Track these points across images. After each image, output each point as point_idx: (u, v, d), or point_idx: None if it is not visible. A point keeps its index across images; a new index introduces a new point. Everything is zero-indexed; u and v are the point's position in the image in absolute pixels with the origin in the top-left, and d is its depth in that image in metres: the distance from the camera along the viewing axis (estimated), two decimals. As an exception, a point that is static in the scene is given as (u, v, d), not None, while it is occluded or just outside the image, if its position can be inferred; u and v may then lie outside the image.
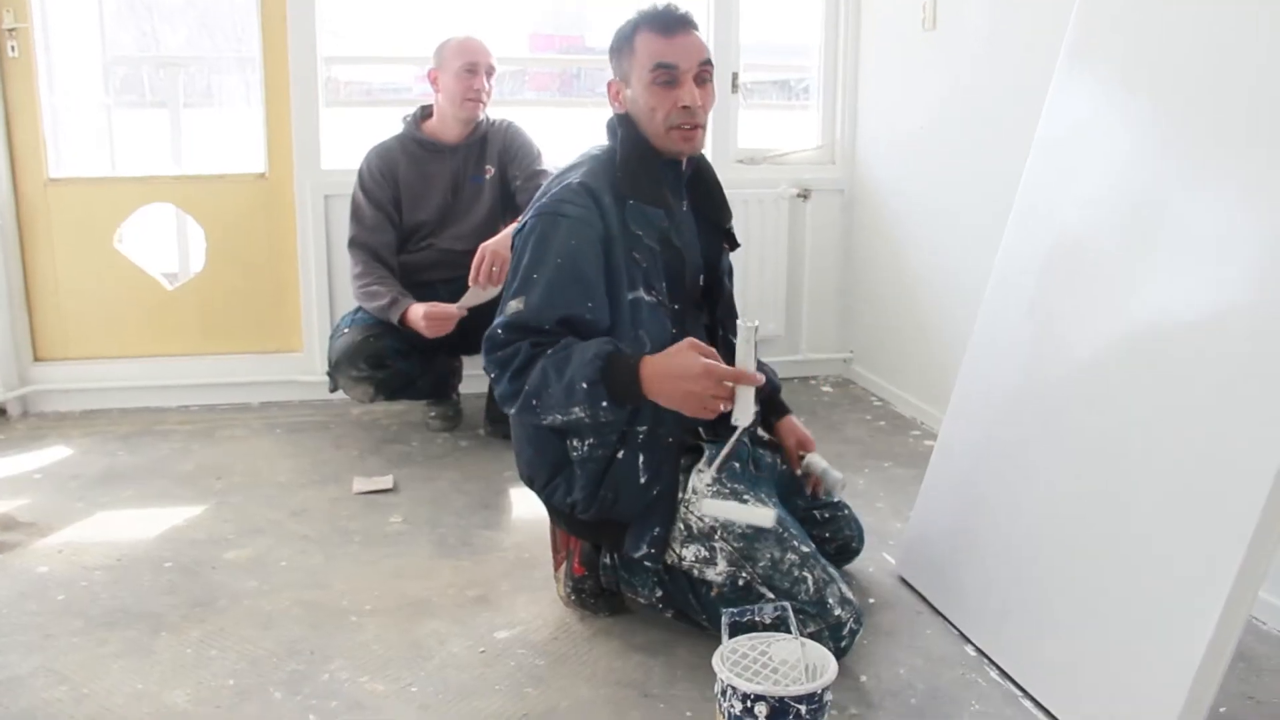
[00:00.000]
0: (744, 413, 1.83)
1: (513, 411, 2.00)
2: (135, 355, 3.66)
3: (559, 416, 1.92)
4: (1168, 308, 1.81)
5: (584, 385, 1.85)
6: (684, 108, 2.03)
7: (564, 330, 1.95)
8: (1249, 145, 1.74)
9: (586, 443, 2.04)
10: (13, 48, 3.42)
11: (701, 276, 2.22)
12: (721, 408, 1.83)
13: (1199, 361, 1.72)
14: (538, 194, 2.13)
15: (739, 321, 1.90)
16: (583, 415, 1.89)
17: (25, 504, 2.79)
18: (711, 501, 1.98)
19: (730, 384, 1.82)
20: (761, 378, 1.85)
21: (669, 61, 2.03)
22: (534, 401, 1.92)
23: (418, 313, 3.06)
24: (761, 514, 1.95)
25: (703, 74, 2.07)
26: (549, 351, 1.92)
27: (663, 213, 2.08)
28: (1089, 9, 2.17)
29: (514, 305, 1.97)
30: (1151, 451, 1.77)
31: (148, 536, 2.59)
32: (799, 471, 2.32)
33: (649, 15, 2.07)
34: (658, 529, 2.02)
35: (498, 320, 1.99)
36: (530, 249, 2.00)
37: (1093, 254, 2.01)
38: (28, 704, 1.88)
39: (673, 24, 2.06)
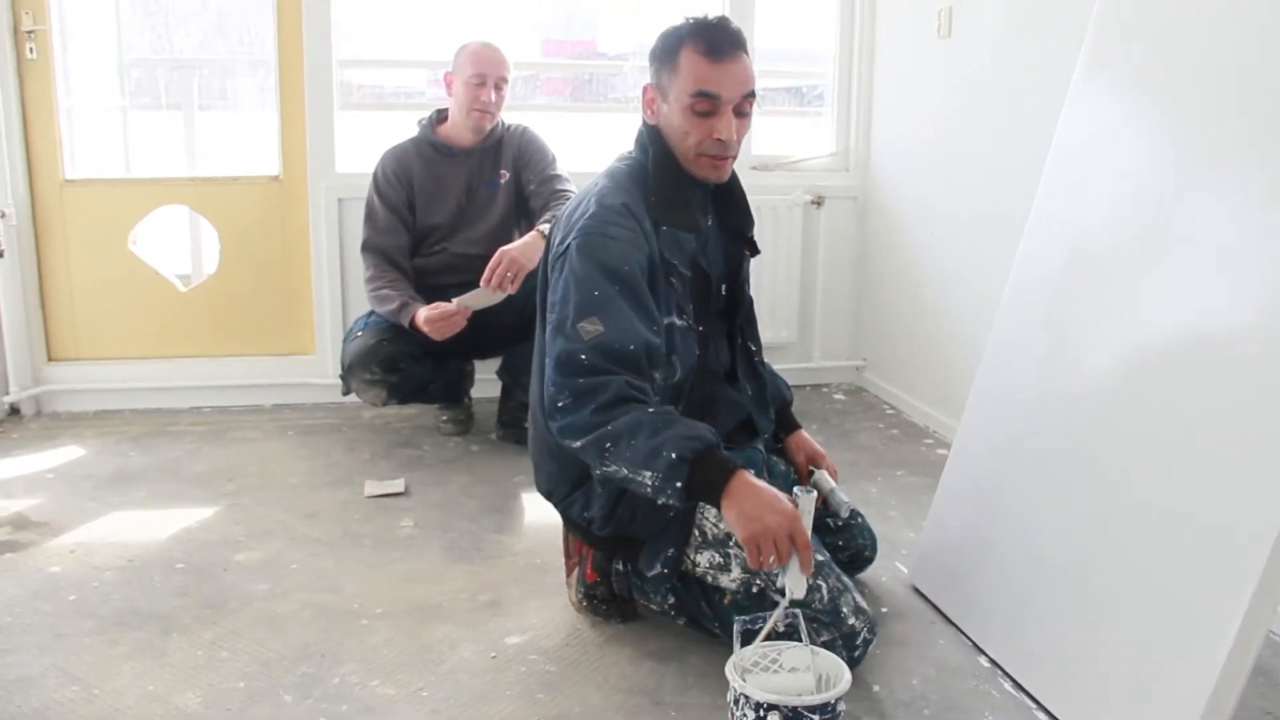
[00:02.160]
0: (797, 585, 1.74)
1: (574, 445, 1.88)
2: (148, 356, 3.67)
3: (624, 471, 1.83)
4: (1186, 316, 1.80)
5: (672, 455, 1.77)
6: (718, 140, 1.99)
7: (645, 355, 1.89)
8: (1269, 153, 1.72)
9: None
10: (31, 50, 3.43)
11: (724, 287, 2.20)
12: (771, 560, 1.73)
13: (1218, 370, 1.70)
14: (569, 211, 2.07)
15: (796, 490, 1.81)
16: (649, 483, 1.80)
17: (38, 504, 2.79)
18: (760, 678, 1.77)
19: (793, 549, 1.74)
20: (810, 570, 1.76)
21: (712, 91, 1.96)
22: (608, 445, 1.82)
23: (421, 318, 3.06)
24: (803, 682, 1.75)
25: (743, 106, 2.00)
26: (648, 407, 1.84)
27: (693, 236, 2.06)
28: (1107, 17, 2.16)
29: (589, 328, 1.88)
30: (1169, 461, 1.75)
31: (159, 537, 2.59)
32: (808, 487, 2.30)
33: (699, 31, 1.98)
34: (672, 550, 2.01)
35: (569, 345, 1.89)
36: (584, 270, 1.92)
37: (1110, 263, 2.00)
38: (39, 704, 1.88)
39: (722, 46, 1.97)
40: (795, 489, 1.83)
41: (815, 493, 1.84)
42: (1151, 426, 1.81)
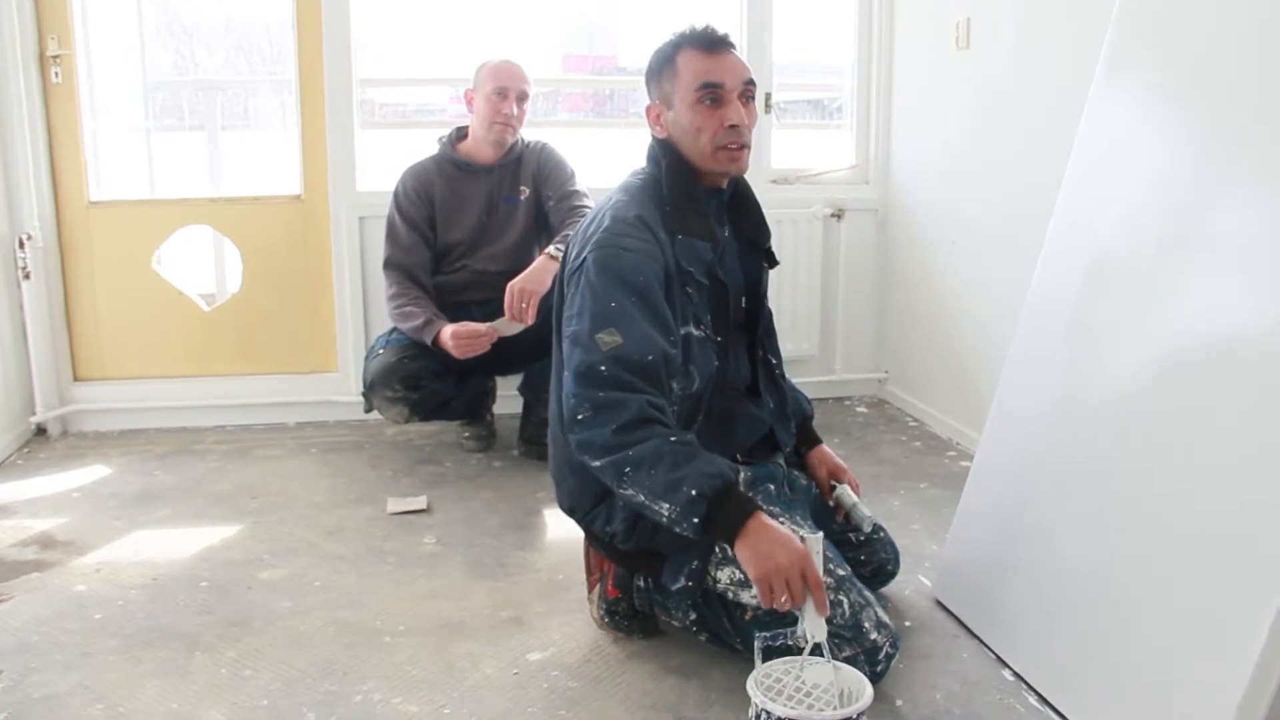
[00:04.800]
0: (817, 628, 1.75)
1: (594, 464, 1.89)
2: (173, 375, 3.70)
3: (641, 498, 1.84)
4: (1210, 324, 1.78)
5: (692, 492, 1.78)
6: (731, 127, 2.01)
7: (663, 365, 1.91)
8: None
9: None
10: (56, 74, 3.47)
11: (743, 299, 2.20)
12: (784, 600, 1.75)
13: (1243, 374, 1.69)
14: (584, 227, 2.09)
15: (803, 534, 1.83)
16: (665, 514, 1.82)
17: (64, 523, 2.81)
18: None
19: (806, 590, 1.75)
20: (827, 611, 1.78)
21: (715, 80, 2.01)
22: (628, 469, 1.83)
23: (446, 335, 3.07)
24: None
25: (746, 92, 2.05)
26: (670, 433, 1.85)
27: (710, 246, 2.07)
28: (1125, 22, 2.15)
29: (607, 339, 1.89)
30: (1193, 469, 1.74)
31: (184, 556, 2.61)
32: (830, 502, 2.30)
33: (690, 36, 2.06)
34: (696, 562, 2.00)
35: (588, 356, 1.90)
36: (599, 281, 1.94)
37: (1132, 269, 1.99)
38: (65, 723, 1.90)
39: (715, 43, 2.04)
40: (802, 532, 1.84)
41: (822, 534, 1.86)
42: (1175, 433, 1.79)
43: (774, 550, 1.76)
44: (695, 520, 1.79)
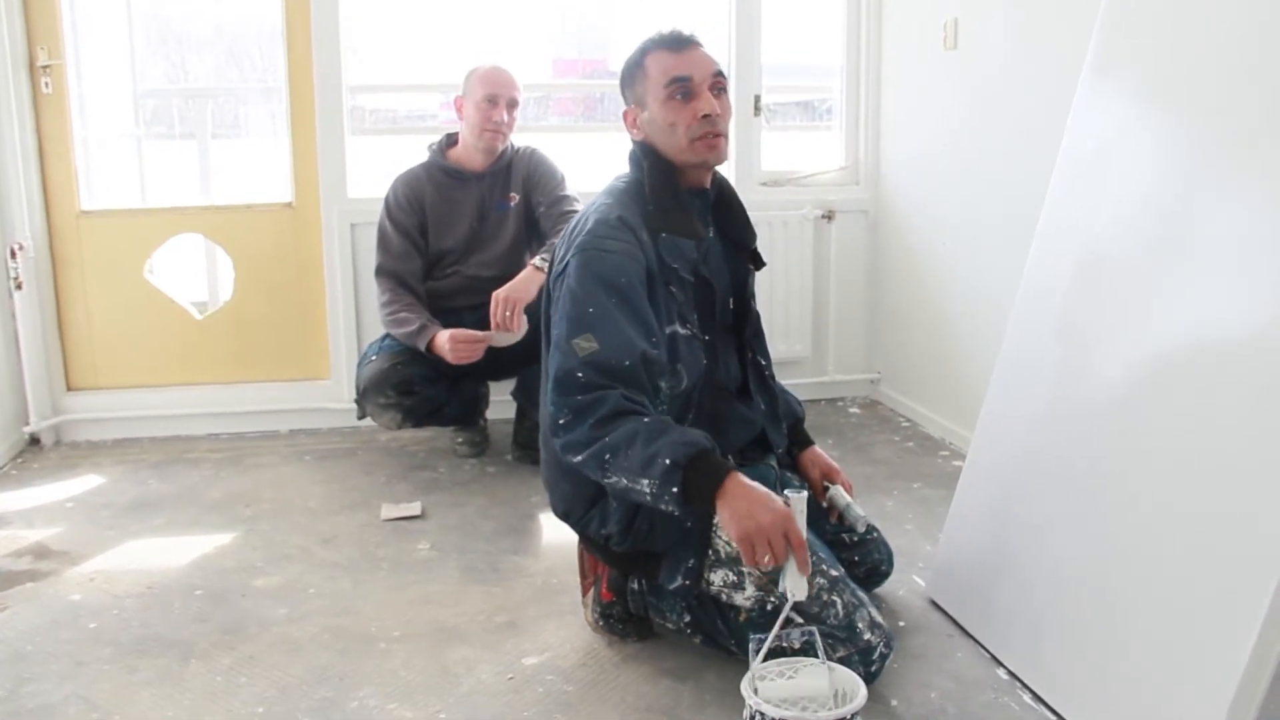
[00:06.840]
0: (798, 586, 1.76)
1: (576, 460, 1.91)
2: (165, 384, 3.70)
3: (624, 481, 1.85)
4: (1200, 324, 1.79)
5: (666, 462, 1.79)
6: (704, 117, 2.04)
7: (642, 368, 1.91)
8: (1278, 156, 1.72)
9: None
10: (46, 84, 3.47)
11: (731, 300, 2.21)
12: (767, 560, 1.75)
13: (1234, 375, 1.70)
14: (569, 230, 2.11)
15: (786, 493, 1.83)
16: (647, 491, 1.82)
17: (58, 532, 2.81)
18: (769, 686, 1.77)
19: (788, 549, 1.76)
20: (809, 570, 1.78)
21: (682, 74, 2.04)
22: (607, 457, 1.85)
23: (443, 339, 3.07)
24: (815, 685, 1.78)
25: (717, 84, 2.07)
26: (644, 417, 1.87)
27: (693, 244, 2.08)
28: (1112, 24, 2.16)
29: (584, 345, 1.91)
30: (1185, 467, 1.75)
31: (178, 564, 2.61)
32: (823, 504, 2.30)
33: (656, 38, 2.11)
34: (692, 560, 2.01)
35: (566, 361, 1.92)
36: (580, 285, 1.96)
37: (1122, 269, 2.00)
38: (60, 733, 1.90)
39: (681, 41, 2.08)
40: (786, 490, 1.84)
41: (806, 492, 1.85)
42: (1167, 432, 1.80)
43: (754, 510, 1.76)
44: (674, 490, 1.79)
